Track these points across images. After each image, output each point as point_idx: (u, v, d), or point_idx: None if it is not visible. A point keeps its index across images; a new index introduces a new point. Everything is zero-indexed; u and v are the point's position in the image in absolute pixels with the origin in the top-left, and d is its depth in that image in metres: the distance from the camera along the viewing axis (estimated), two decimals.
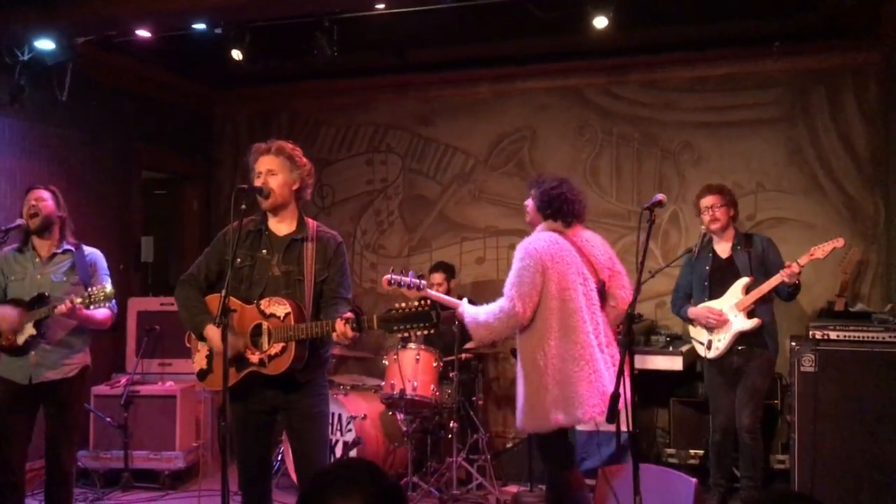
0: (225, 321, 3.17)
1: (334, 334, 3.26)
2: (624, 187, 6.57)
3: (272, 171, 3.52)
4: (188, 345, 3.61)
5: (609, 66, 6.56)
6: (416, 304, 3.23)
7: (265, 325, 3.37)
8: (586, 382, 3.79)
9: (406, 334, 3.29)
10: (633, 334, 3.03)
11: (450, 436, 5.45)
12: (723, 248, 4.94)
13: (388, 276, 4.01)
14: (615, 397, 2.80)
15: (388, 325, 3.24)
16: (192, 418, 6.02)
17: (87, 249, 4.42)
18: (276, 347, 3.34)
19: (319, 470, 1.71)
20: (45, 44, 5.29)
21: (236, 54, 5.33)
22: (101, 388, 5.89)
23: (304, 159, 3.64)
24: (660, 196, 3.28)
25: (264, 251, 3.50)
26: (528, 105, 6.83)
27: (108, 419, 5.70)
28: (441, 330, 3.80)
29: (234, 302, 3.36)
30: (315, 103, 7.45)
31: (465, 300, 4.19)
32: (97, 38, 5.32)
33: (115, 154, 6.62)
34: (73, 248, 4.35)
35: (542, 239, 3.95)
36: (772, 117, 6.22)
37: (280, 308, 3.36)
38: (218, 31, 4.99)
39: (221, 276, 3.50)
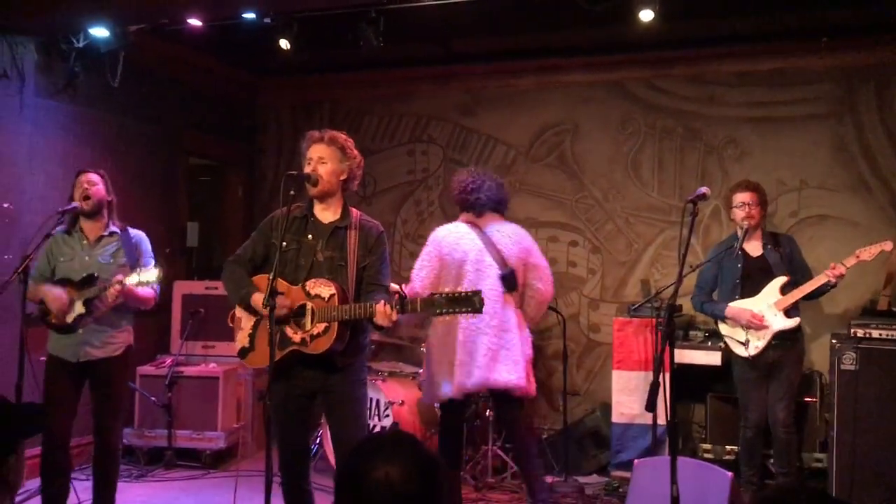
0: (273, 303, 3.25)
1: (377, 315, 3.33)
2: (666, 181, 6.55)
3: (323, 158, 3.60)
4: (230, 324, 3.71)
5: (653, 60, 6.53)
6: (461, 290, 3.33)
7: (309, 304, 3.46)
8: (461, 363, 4.29)
9: (448, 316, 3.42)
10: (674, 325, 3.05)
11: (485, 424, 5.50)
12: (753, 247, 4.92)
13: None
14: (654, 386, 2.83)
15: (433, 308, 3.31)
16: (234, 400, 6.15)
17: (133, 232, 4.54)
18: (319, 327, 3.42)
19: (365, 437, 1.77)
20: (99, 31, 5.42)
21: (284, 44, 5.41)
22: (147, 369, 6.04)
23: (356, 151, 3.72)
24: (704, 189, 3.29)
25: (310, 236, 3.59)
26: (571, 97, 6.83)
27: (153, 399, 5.85)
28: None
29: (281, 284, 3.44)
30: (358, 93, 7.52)
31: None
32: (149, 26, 5.43)
33: (162, 140, 6.76)
34: (119, 231, 4.47)
35: (445, 228, 4.55)
36: (818, 113, 6.15)
37: (325, 289, 3.44)
38: (267, 20, 5.07)
39: (267, 260, 3.60)
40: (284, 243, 3.53)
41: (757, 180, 5.97)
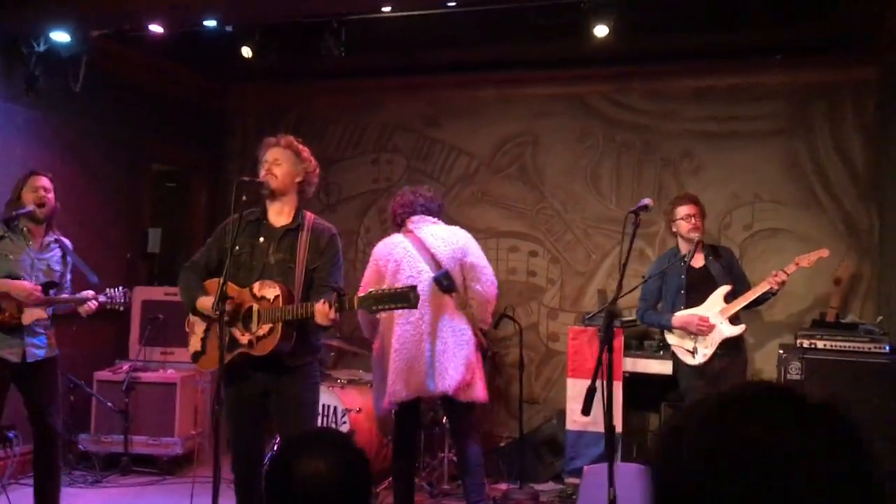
0: (223, 308, 3.30)
1: (317, 314, 3.38)
2: (624, 194, 6.66)
3: (278, 160, 3.69)
4: (187, 329, 3.74)
5: (612, 75, 6.65)
6: (397, 286, 3.37)
7: (255, 306, 3.50)
8: (395, 371, 4.30)
9: (384, 313, 3.44)
10: (612, 332, 3.12)
11: (442, 432, 5.55)
12: (695, 259, 4.99)
13: None
14: (591, 391, 2.90)
15: (368, 304, 3.36)
16: (192, 406, 6.15)
17: (65, 241, 4.58)
18: (264, 328, 3.47)
19: (293, 434, 1.82)
20: (60, 36, 5.42)
21: (246, 52, 5.46)
22: (104, 374, 6.03)
23: (312, 158, 3.80)
24: (647, 200, 3.38)
25: (261, 239, 3.65)
26: (532, 110, 6.93)
27: (110, 404, 5.83)
28: None
29: (232, 288, 3.48)
30: (324, 102, 7.57)
31: None
32: (112, 31, 5.44)
33: (126, 146, 6.75)
34: (58, 239, 4.51)
35: (383, 241, 4.71)
36: (771, 129, 6.30)
37: (270, 291, 3.50)
38: (228, 28, 5.11)
39: (222, 265, 3.64)
40: (238, 247, 3.57)
41: (712, 193, 6.15)
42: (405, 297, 3.31)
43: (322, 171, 3.92)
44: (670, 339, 5.02)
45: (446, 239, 4.53)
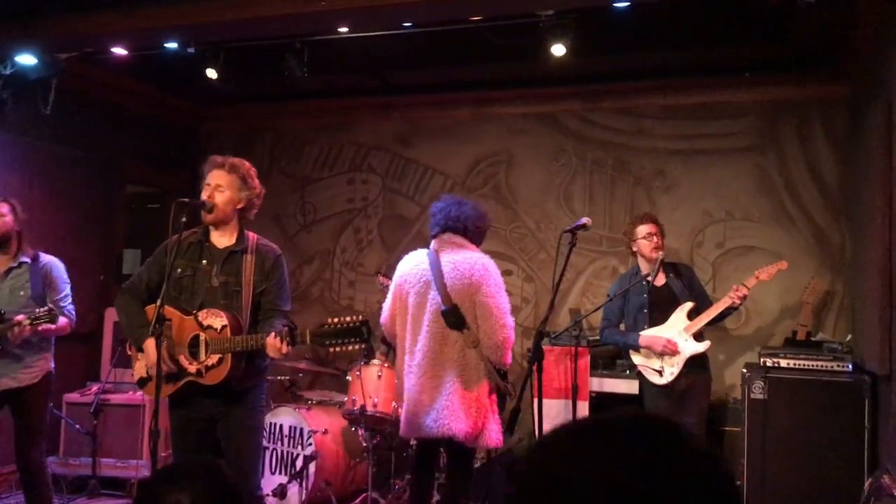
0: (159, 330, 3.28)
1: (268, 348, 3.35)
2: (596, 212, 6.62)
3: (220, 186, 3.63)
4: (128, 353, 3.71)
5: (583, 93, 6.65)
6: (349, 319, 3.34)
7: (202, 336, 3.47)
8: (404, 406, 4.11)
9: (338, 349, 3.36)
10: (540, 352, 3.10)
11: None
12: (657, 277, 4.99)
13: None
14: (514, 412, 2.87)
15: (321, 339, 3.34)
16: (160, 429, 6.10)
17: (44, 259, 4.51)
18: (213, 358, 3.44)
19: (168, 465, 1.79)
20: (26, 59, 5.45)
21: (211, 73, 5.48)
22: (73, 396, 6.01)
23: (257, 182, 3.72)
24: (584, 219, 3.36)
25: (204, 262, 3.61)
26: (506, 129, 6.93)
27: (78, 426, 5.80)
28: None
29: (173, 312, 3.46)
30: (299, 122, 7.59)
31: None
32: (77, 53, 5.47)
33: (99, 167, 6.76)
34: (29, 261, 4.44)
35: (409, 254, 4.31)
36: (742, 146, 6.29)
37: (217, 320, 3.46)
38: (190, 50, 5.13)
39: (161, 287, 3.61)
40: (178, 269, 3.55)
41: (684, 211, 6.13)
42: (357, 332, 3.28)
43: (298, 191, 3.89)
44: (636, 358, 4.99)
45: (460, 268, 4.03)
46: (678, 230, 6.17)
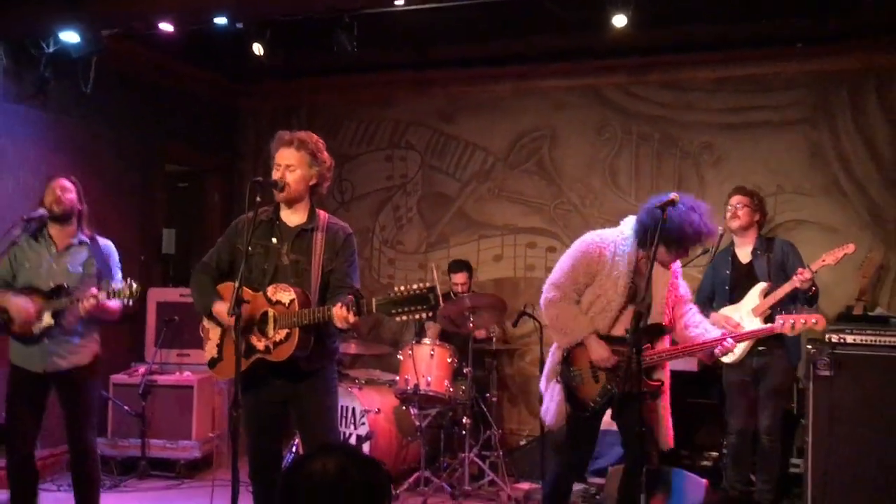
0: (238, 311, 3.21)
1: (335, 319, 3.28)
2: (643, 187, 6.54)
3: (291, 166, 3.53)
4: (201, 335, 3.66)
5: (629, 66, 6.54)
6: (416, 287, 3.22)
7: (271, 311, 3.41)
8: None
9: (405, 318, 3.26)
10: (640, 332, 3.03)
11: (463, 432, 5.47)
12: (744, 253, 4.96)
13: None
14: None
15: (387, 307, 3.24)
16: (209, 409, 6.09)
17: (102, 241, 4.45)
18: (281, 334, 3.38)
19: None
20: (70, 36, 5.35)
21: (257, 49, 5.39)
22: (120, 377, 5.97)
23: (326, 154, 3.62)
24: (672, 195, 3.27)
25: (275, 240, 3.54)
26: (549, 103, 6.82)
27: (126, 408, 5.78)
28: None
29: (246, 292, 3.39)
30: (337, 98, 7.49)
31: None
32: (122, 31, 5.37)
33: (139, 147, 6.69)
34: (88, 240, 4.39)
35: None
36: (793, 119, 6.17)
37: (285, 295, 3.40)
38: (239, 25, 5.04)
39: (233, 265, 3.56)
40: (250, 248, 3.48)
41: (733, 185, 6.01)
42: (425, 300, 3.17)
43: (335, 168, 3.79)
44: None
45: None
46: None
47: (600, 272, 3.66)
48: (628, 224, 3.73)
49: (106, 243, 4.48)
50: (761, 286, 4.76)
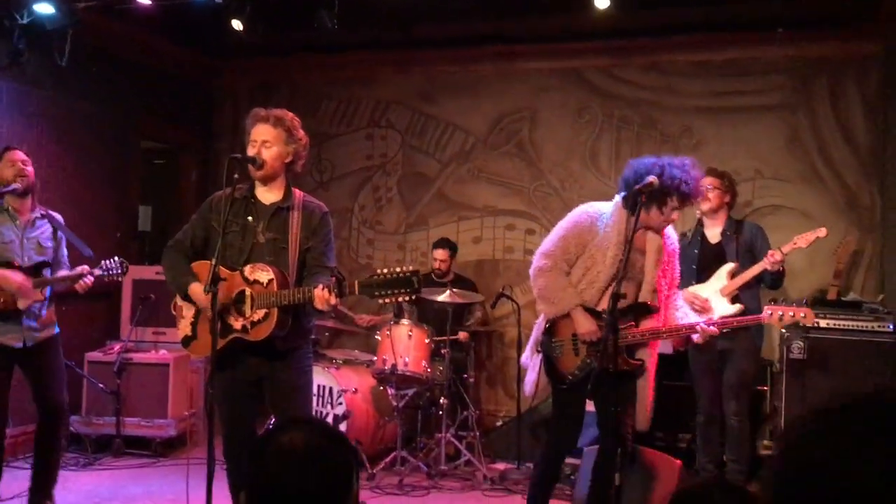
0: (215, 289, 3.19)
1: (316, 300, 3.26)
2: (623, 170, 6.51)
3: (267, 142, 3.50)
4: (173, 312, 3.62)
5: (611, 49, 6.52)
6: (399, 269, 3.22)
7: (248, 291, 3.39)
8: None
9: (388, 300, 3.25)
10: (616, 313, 3.04)
11: (440, 412, 5.49)
12: (713, 234, 4.98)
13: None
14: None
15: (370, 290, 3.23)
16: (185, 387, 6.06)
17: (55, 214, 4.43)
18: (259, 314, 3.36)
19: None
20: (44, 7, 5.26)
21: (237, 25, 5.33)
22: (95, 355, 5.92)
23: (302, 132, 3.60)
24: (650, 178, 3.28)
25: (250, 218, 3.51)
26: (530, 85, 6.80)
27: (101, 385, 5.73)
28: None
29: (222, 270, 3.36)
30: (317, 76, 7.43)
31: None
32: (98, 3, 5.28)
33: (114, 123, 6.60)
34: (45, 213, 4.36)
35: None
36: (773, 104, 6.19)
37: (263, 275, 3.38)
38: (218, 0, 4.96)
39: (207, 243, 3.53)
40: (226, 226, 3.44)
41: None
42: (408, 283, 3.17)
43: (315, 147, 3.76)
44: None
45: None
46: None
47: (590, 242, 3.64)
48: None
49: (58, 216, 4.44)
50: (728, 267, 4.79)
